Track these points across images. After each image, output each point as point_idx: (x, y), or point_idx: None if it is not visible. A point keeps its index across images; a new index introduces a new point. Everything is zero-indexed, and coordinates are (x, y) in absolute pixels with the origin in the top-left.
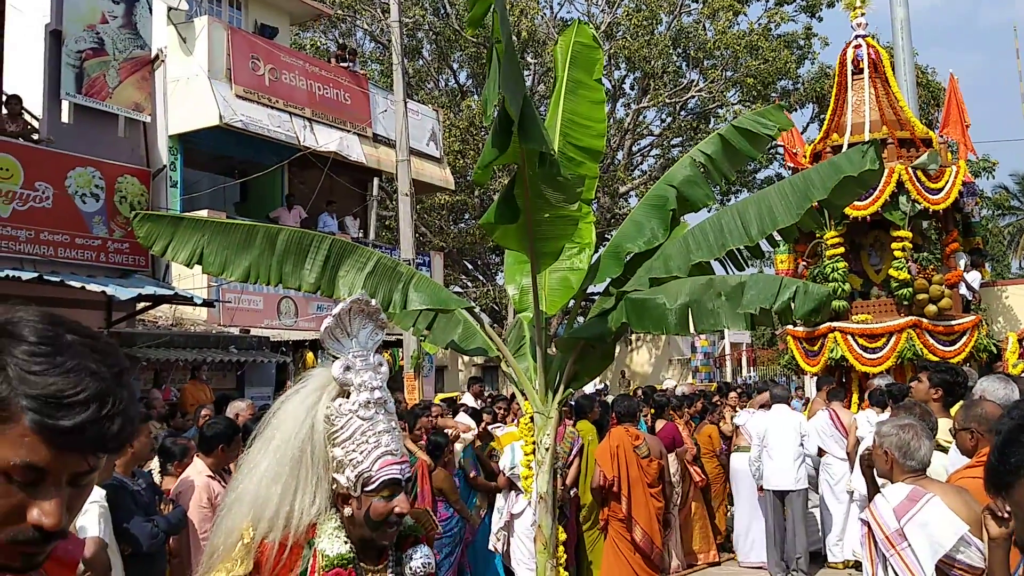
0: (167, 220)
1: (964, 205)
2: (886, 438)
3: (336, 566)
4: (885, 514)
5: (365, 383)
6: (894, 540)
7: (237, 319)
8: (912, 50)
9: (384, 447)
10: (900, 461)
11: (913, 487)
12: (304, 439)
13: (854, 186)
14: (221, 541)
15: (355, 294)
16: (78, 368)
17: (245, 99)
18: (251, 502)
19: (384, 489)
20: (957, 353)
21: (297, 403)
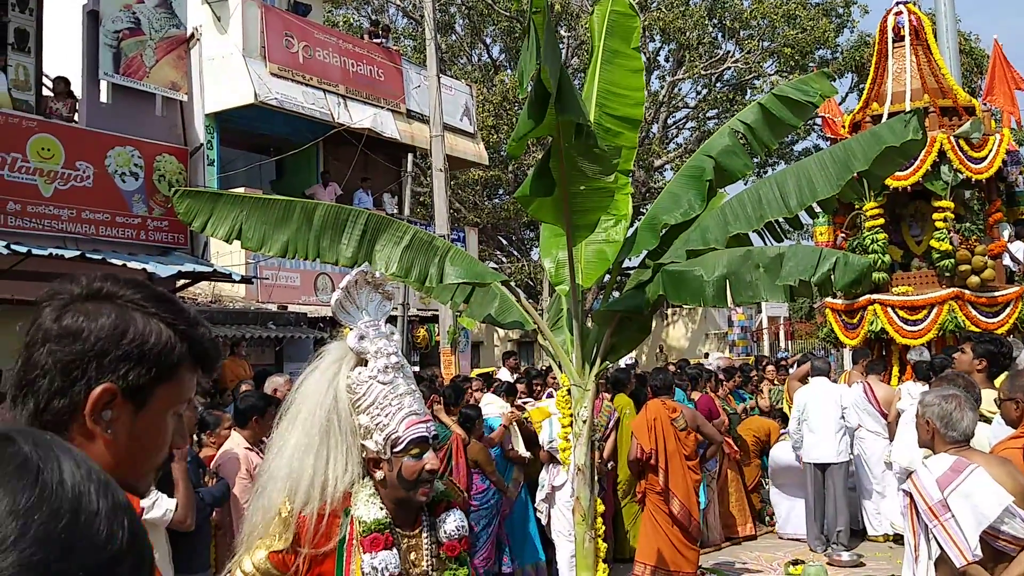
0: (206, 196)
1: (1008, 174)
2: (928, 408)
3: (373, 531)
4: (928, 485)
5: (381, 350)
6: (937, 511)
7: (275, 296)
8: (955, 16)
9: (408, 408)
10: (942, 432)
11: (957, 458)
12: (330, 409)
13: (896, 156)
14: (260, 519)
15: (360, 266)
16: (195, 313)
17: (279, 77)
18: (285, 477)
19: (413, 448)
20: (1000, 325)
21: (318, 377)
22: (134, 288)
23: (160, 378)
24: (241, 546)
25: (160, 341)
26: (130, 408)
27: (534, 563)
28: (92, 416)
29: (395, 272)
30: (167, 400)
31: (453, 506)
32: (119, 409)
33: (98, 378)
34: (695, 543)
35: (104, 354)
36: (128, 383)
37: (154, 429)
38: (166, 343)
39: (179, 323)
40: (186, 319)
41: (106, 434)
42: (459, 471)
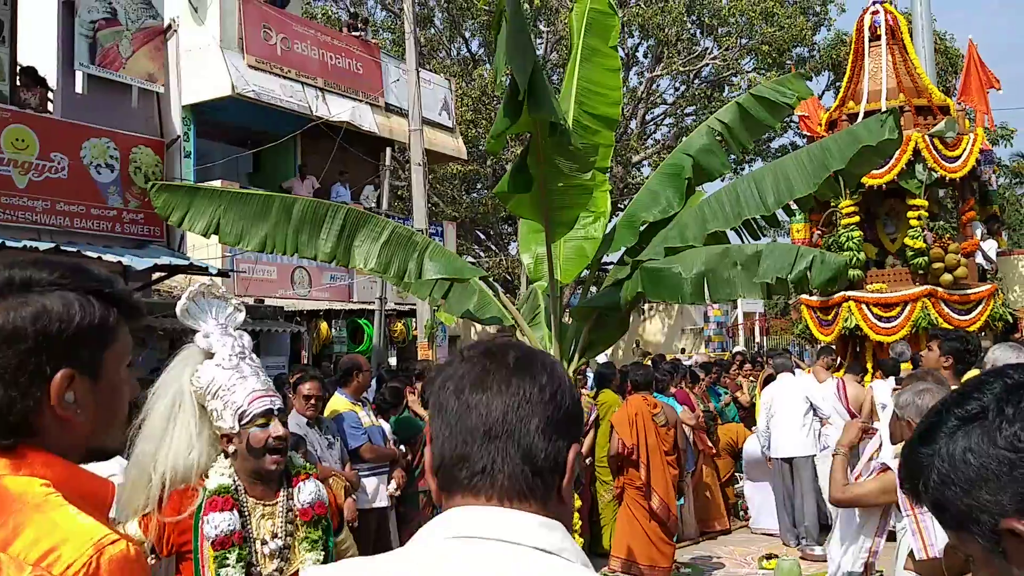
0: (184, 190)
1: (981, 173)
2: (905, 408)
3: (215, 495)
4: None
5: (224, 343)
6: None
7: (251, 289)
8: (930, 16)
9: (251, 387)
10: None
11: None
12: (174, 397)
13: (872, 155)
14: (126, 494)
15: (199, 284)
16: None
17: (257, 69)
18: (145, 455)
19: (259, 419)
20: (973, 322)
21: (167, 375)
22: (47, 269)
23: (105, 345)
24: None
25: (95, 313)
26: (88, 382)
27: None
28: (60, 405)
29: (373, 268)
30: (116, 360)
31: (311, 477)
32: (79, 387)
33: (52, 368)
34: (672, 539)
35: (50, 344)
36: (81, 362)
37: (115, 391)
38: (99, 312)
39: (103, 288)
40: (106, 282)
41: (76, 415)
42: None
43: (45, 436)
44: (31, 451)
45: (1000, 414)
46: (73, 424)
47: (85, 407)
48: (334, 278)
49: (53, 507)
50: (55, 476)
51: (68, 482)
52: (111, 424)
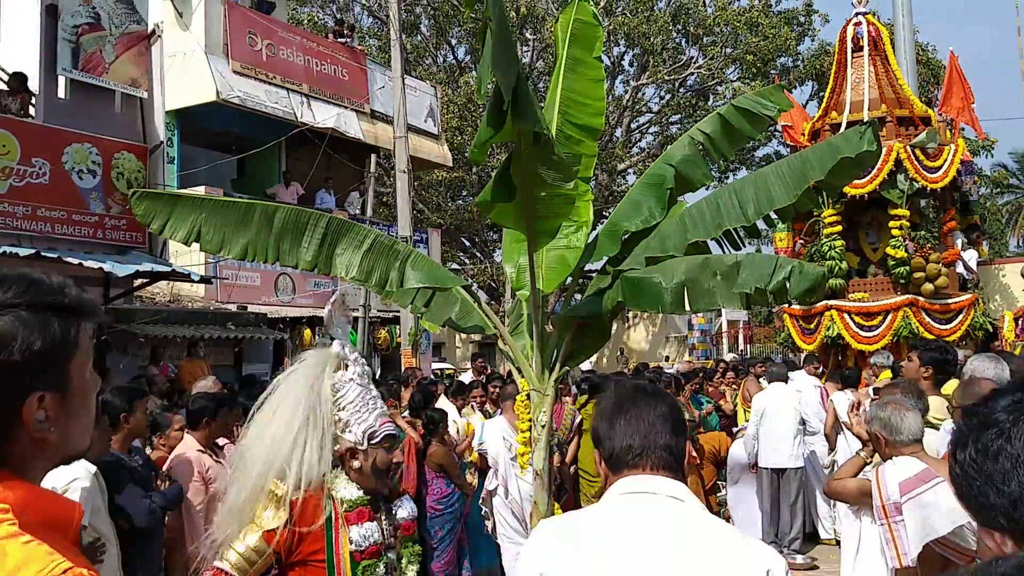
0: (165, 198)
1: (962, 184)
2: (872, 423)
3: (358, 506)
4: (890, 484)
5: (356, 358)
6: (889, 511)
7: (235, 296)
8: (912, 27)
9: (380, 408)
10: (889, 438)
11: (926, 467)
12: (312, 404)
13: (852, 167)
14: (238, 497)
15: (340, 287)
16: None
17: (242, 75)
18: (265, 460)
19: (385, 441)
20: (953, 331)
21: (301, 376)
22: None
23: (68, 357)
24: (221, 521)
25: (55, 330)
26: (57, 398)
27: (487, 567)
28: (33, 428)
29: (355, 276)
30: (81, 368)
31: (406, 494)
32: (50, 406)
33: (20, 395)
34: None
35: (13, 373)
36: (48, 382)
37: (84, 397)
38: (59, 327)
39: (59, 299)
40: (59, 292)
41: (50, 433)
42: (408, 475)
43: (16, 461)
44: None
45: None
46: (47, 442)
47: (58, 423)
48: (318, 285)
49: (5, 535)
50: (16, 500)
51: (29, 506)
52: (85, 430)
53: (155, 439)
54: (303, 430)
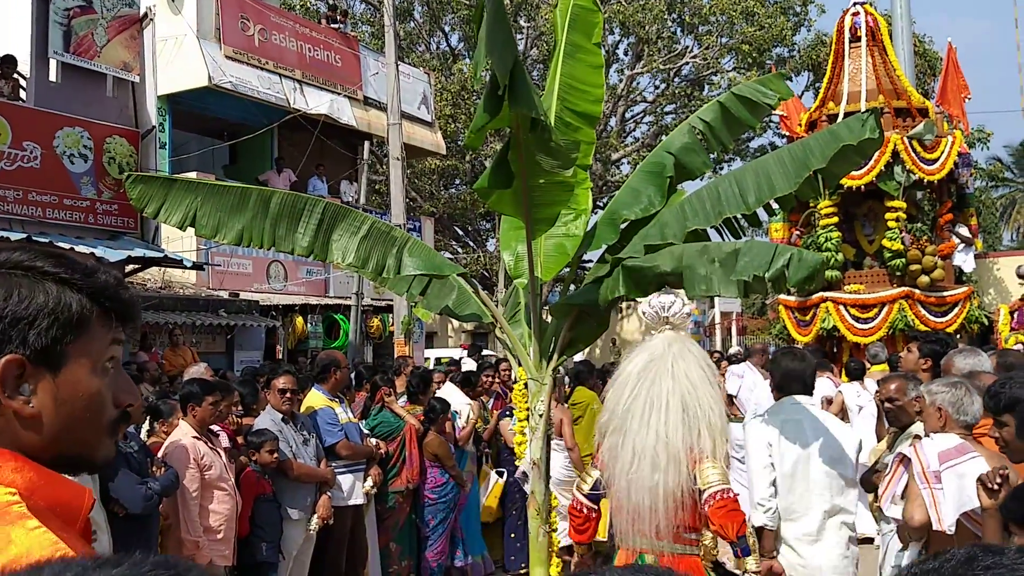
0: (160, 182)
1: (959, 176)
2: (938, 395)
3: None
4: (930, 454)
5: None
6: (930, 478)
7: (226, 283)
8: (910, 18)
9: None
10: (954, 416)
11: (963, 441)
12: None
13: (853, 155)
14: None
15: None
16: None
17: (234, 60)
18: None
19: None
20: (949, 324)
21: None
22: (16, 252)
23: (66, 336)
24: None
25: (53, 298)
26: (46, 373)
27: (481, 555)
28: (5, 392)
29: (352, 263)
30: (84, 356)
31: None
32: (34, 377)
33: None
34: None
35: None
36: (31, 348)
37: (81, 389)
38: (60, 299)
39: (74, 276)
40: (81, 271)
41: (29, 407)
42: (412, 461)
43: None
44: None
45: None
46: (31, 420)
47: (43, 400)
48: (310, 272)
49: (12, 519)
50: (25, 483)
51: (39, 491)
52: (82, 427)
53: (156, 425)
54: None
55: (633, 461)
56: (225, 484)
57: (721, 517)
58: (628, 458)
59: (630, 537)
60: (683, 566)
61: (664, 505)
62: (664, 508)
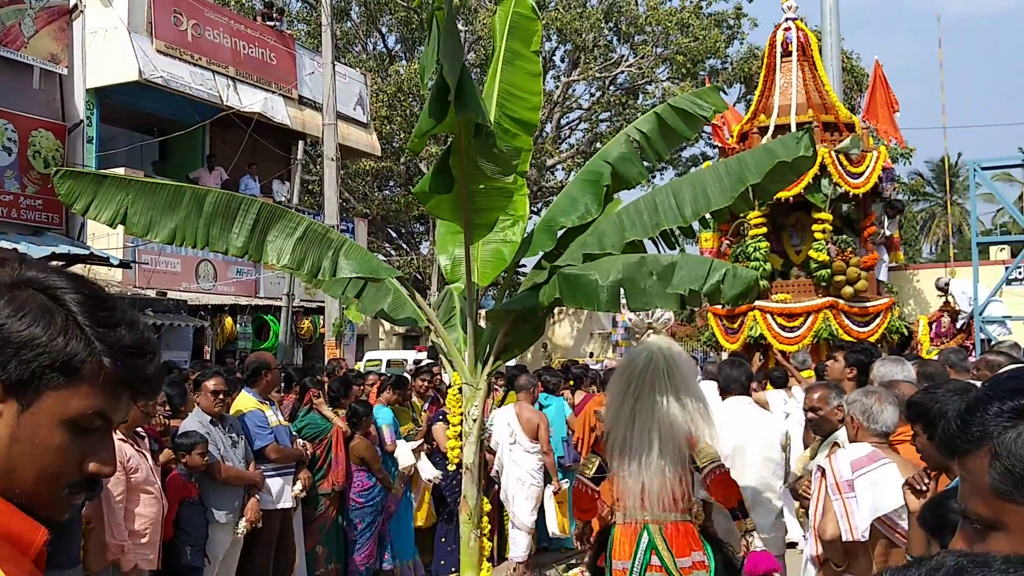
0: (90, 177)
1: (883, 190)
2: (851, 404)
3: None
4: (842, 464)
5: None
6: (843, 488)
7: (154, 281)
8: (839, 35)
9: None
10: (865, 425)
11: (874, 449)
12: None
13: (787, 172)
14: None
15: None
16: (134, 322)
17: (166, 55)
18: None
19: None
20: (871, 334)
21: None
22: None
23: (49, 377)
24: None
25: (52, 335)
26: (14, 404)
27: (412, 559)
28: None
29: (287, 264)
30: (61, 405)
31: None
32: (2, 403)
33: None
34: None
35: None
36: (7, 374)
37: (40, 436)
38: (60, 338)
39: (88, 322)
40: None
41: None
42: (337, 464)
43: None
44: None
45: None
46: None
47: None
48: (241, 272)
49: None
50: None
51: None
52: (26, 475)
53: None
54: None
55: (642, 448)
56: (151, 487)
57: (722, 489)
58: (637, 446)
59: (636, 512)
60: (684, 531)
61: (671, 483)
62: (671, 486)
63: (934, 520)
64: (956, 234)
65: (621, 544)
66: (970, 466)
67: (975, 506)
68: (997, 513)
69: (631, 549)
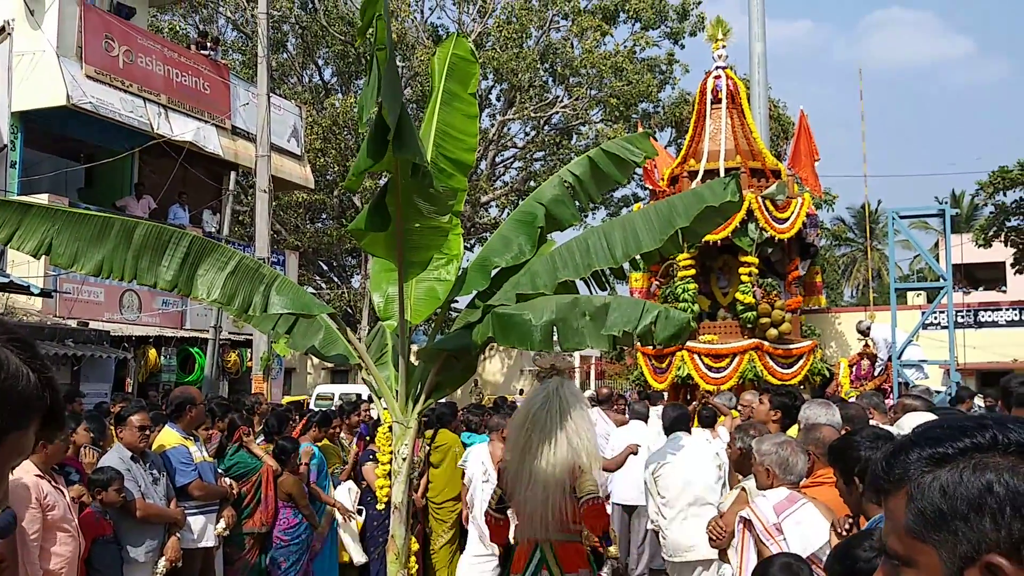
0: (14, 206)
1: (807, 235)
2: (766, 456)
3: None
4: (766, 510)
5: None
6: (772, 532)
7: (76, 311)
8: (767, 84)
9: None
10: (780, 476)
11: (791, 492)
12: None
13: (715, 216)
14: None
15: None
16: (45, 358)
17: (96, 80)
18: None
19: None
20: (794, 376)
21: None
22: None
23: (15, 423)
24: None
25: (29, 384)
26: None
27: None
28: None
29: (216, 299)
30: (13, 450)
31: None
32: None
33: None
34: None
35: None
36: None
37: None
38: (33, 388)
39: (44, 371)
40: (49, 371)
41: None
42: (267, 504)
43: None
44: None
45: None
46: None
47: None
48: (167, 303)
49: None
50: None
51: None
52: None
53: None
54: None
55: (530, 482)
56: (68, 525)
57: (591, 519)
58: (527, 480)
59: (528, 532)
60: (569, 549)
61: (552, 511)
62: (552, 513)
63: (842, 571)
64: (876, 279)
65: (518, 559)
66: (891, 506)
67: (893, 543)
68: (910, 551)
69: (524, 563)
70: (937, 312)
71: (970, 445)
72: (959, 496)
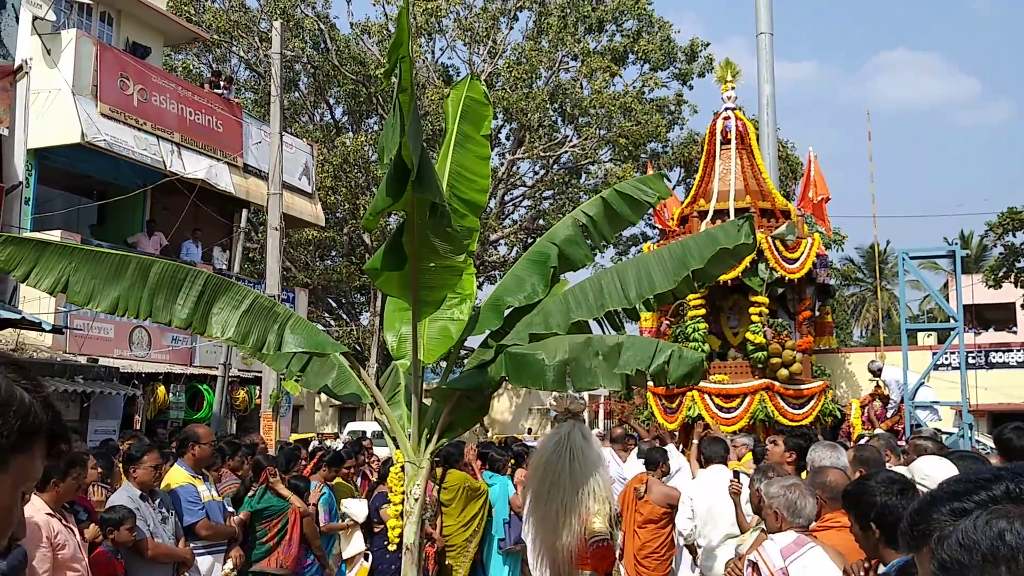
0: (32, 244)
1: (817, 276)
2: (775, 499)
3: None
4: (773, 554)
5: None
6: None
7: (86, 347)
8: (775, 124)
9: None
10: (789, 519)
11: (799, 535)
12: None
13: (728, 257)
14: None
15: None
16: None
17: (111, 118)
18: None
19: None
20: (805, 416)
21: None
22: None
23: (18, 446)
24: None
25: (25, 406)
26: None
27: None
28: None
29: (231, 337)
30: (20, 473)
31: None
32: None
33: None
34: None
35: None
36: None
37: (2, 500)
38: (30, 410)
39: (41, 393)
40: (44, 391)
41: None
42: (291, 545)
43: None
44: None
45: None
46: None
47: None
48: (176, 340)
49: None
50: None
51: None
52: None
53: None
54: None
55: (546, 527)
56: (78, 564)
57: (597, 560)
58: (543, 524)
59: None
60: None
61: (566, 553)
62: (566, 554)
63: None
64: (885, 318)
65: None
66: (920, 560)
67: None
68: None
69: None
70: (948, 353)
71: (986, 497)
72: (975, 546)
